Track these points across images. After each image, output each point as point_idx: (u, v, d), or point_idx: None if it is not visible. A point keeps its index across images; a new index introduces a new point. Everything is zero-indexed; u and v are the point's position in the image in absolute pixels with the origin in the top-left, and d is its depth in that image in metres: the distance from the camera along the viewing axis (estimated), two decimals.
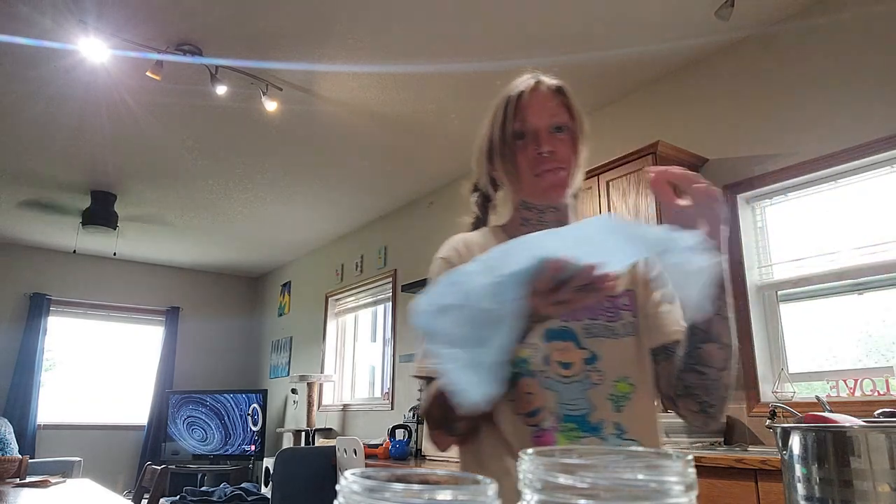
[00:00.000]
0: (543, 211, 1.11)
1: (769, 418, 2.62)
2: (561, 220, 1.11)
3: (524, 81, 1.12)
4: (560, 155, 1.06)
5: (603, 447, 0.95)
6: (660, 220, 2.98)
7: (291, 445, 5.91)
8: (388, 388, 5.40)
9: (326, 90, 3.76)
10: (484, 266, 0.71)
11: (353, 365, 6.37)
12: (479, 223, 1.20)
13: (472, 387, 0.68)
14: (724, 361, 0.93)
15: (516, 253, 0.71)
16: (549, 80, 1.12)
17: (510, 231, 1.14)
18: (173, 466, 5.97)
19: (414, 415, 4.67)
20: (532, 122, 1.06)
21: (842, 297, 2.81)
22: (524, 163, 1.06)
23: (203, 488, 5.34)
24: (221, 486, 4.98)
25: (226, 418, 6.59)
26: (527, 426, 0.97)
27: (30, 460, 3.29)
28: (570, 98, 1.11)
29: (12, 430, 5.89)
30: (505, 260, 0.70)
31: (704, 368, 0.93)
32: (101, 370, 7.23)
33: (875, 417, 2.20)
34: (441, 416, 0.94)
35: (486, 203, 1.20)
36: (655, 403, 1.07)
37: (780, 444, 0.63)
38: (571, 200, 1.14)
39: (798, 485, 0.60)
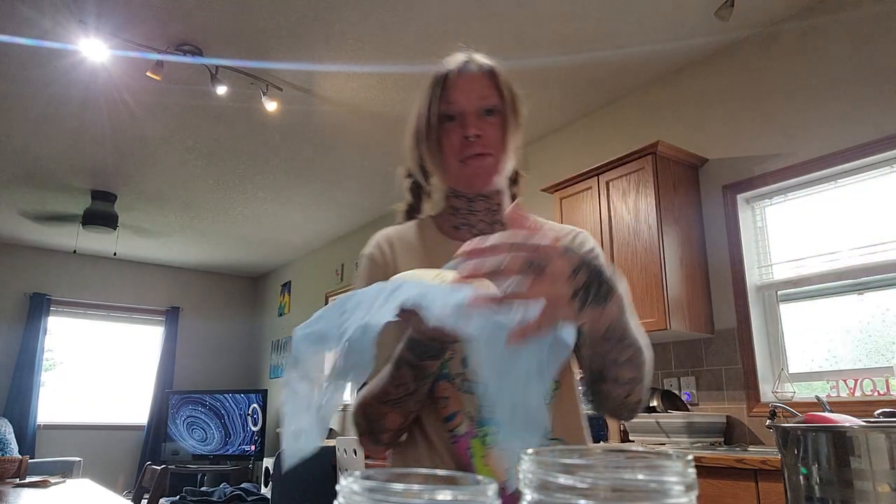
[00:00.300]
0: (472, 200, 1.05)
1: (769, 418, 2.62)
2: (492, 209, 1.06)
3: (454, 60, 1.04)
4: (488, 139, 0.99)
5: (603, 447, 0.94)
6: (659, 223, 2.93)
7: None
8: None
9: (326, 90, 3.76)
10: (364, 300, 0.68)
11: None
12: (413, 211, 1.14)
13: (300, 435, 0.63)
14: (625, 393, 0.88)
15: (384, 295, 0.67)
16: (481, 60, 1.05)
17: (440, 222, 1.09)
18: (173, 466, 5.97)
19: None
20: (459, 103, 0.99)
21: (842, 298, 2.81)
22: (449, 148, 0.99)
23: (203, 488, 5.34)
24: (221, 486, 4.98)
25: (226, 418, 6.59)
26: (444, 431, 0.94)
27: (30, 460, 3.29)
28: (501, 79, 1.04)
29: (12, 430, 5.89)
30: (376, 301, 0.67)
31: (602, 399, 0.90)
32: (101, 370, 7.23)
33: (875, 417, 2.20)
34: (366, 425, 0.91)
35: (418, 190, 1.13)
36: (579, 398, 1.03)
37: (781, 445, 0.63)
38: (505, 187, 1.08)
39: (798, 485, 0.60)
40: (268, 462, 6.01)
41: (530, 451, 0.36)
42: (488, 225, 1.06)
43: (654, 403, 3.09)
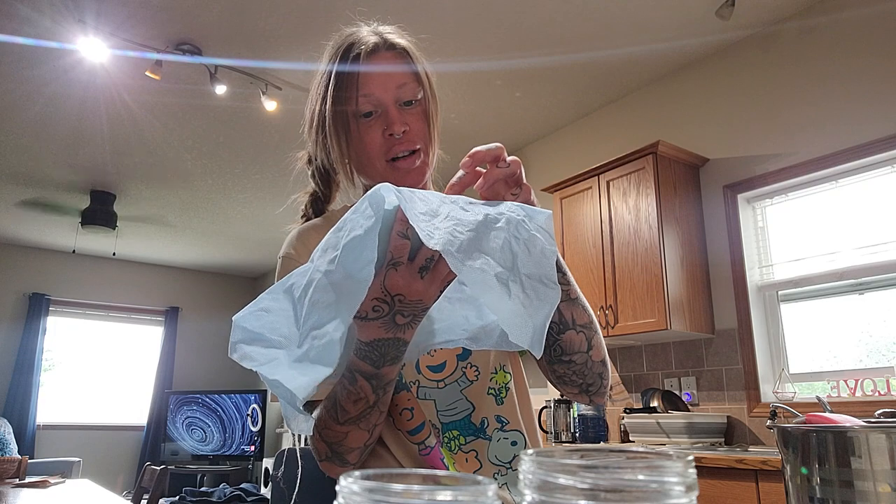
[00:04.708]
0: None
1: (770, 419, 2.62)
2: None
3: (361, 40, 0.94)
4: (414, 133, 0.91)
5: (603, 447, 0.93)
6: (660, 223, 2.95)
7: (291, 446, 5.90)
8: None
9: None
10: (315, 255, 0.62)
11: None
12: (319, 201, 1.06)
13: (298, 379, 0.59)
14: (586, 343, 0.85)
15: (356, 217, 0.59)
16: (392, 38, 0.95)
17: None
18: (173, 467, 5.98)
19: None
20: (377, 95, 0.89)
21: (842, 298, 2.80)
22: (372, 147, 0.90)
23: (202, 489, 5.33)
24: (221, 486, 4.98)
25: (225, 419, 6.59)
26: (412, 444, 0.89)
27: (29, 461, 3.28)
28: (416, 60, 0.94)
29: (11, 431, 5.89)
30: (340, 233, 0.60)
31: (569, 357, 0.85)
32: (101, 370, 7.23)
33: (876, 418, 2.20)
34: (327, 449, 0.80)
35: (327, 178, 1.04)
36: (528, 387, 1.01)
37: (781, 445, 0.63)
38: (430, 176, 1.01)
39: (799, 485, 0.60)
40: (267, 462, 6.01)
41: (530, 451, 0.36)
42: None
43: (655, 403, 3.09)
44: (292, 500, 1.00)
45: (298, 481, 0.98)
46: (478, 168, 0.72)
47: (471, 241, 0.58)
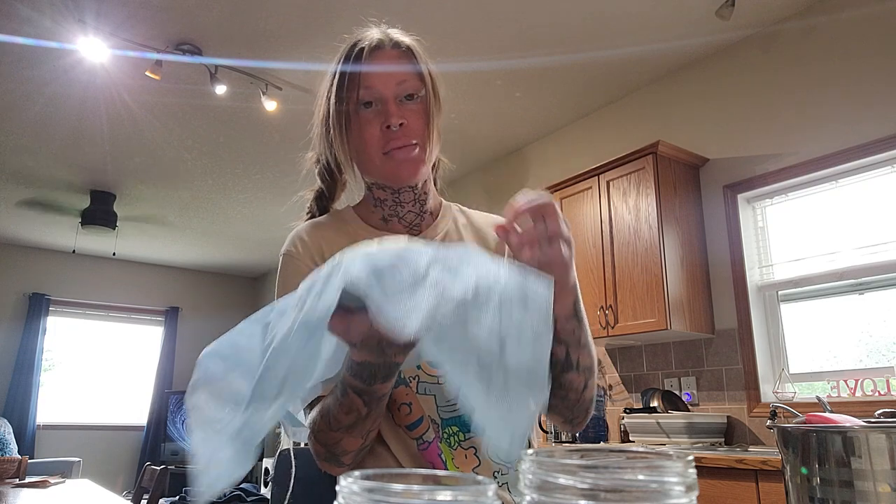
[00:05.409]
0: (398, 191, 0.97)
1: (770, 419, 2.62)
2: (420, 199, 0.99)
3: (367, 37, 0.96)
4: (412, 128, 0.92)
5: (603, 447, 0.93)
6: (660, 223, 2.94)
7: (291, 445, 5.90)
8: None
9: None
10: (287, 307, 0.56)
11: None
12: (324, 199, 1.07)
13: (215, 465, 0.52)
14: (584, 383, 0.88)
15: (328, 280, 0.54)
16: (397, 36, 0.97)
17: (365, 214, 1.02)
18: (173, 467, 5.97)
19: None
20: (377, 89, 0.91)
21: (842, 298, 2.80)
22: (371, 139, 0.91)
23: None
24: None
25: None
26: (410, 439, 0.89)
27: (29, 461, 3.28)
28: (420, 58, 0.96)
29: (11, 431, 5.89)
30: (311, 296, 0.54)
31: (565, 392, 0.87)
32: (101, 370, 7.23)
33: (876, 418, 2.20)
34: (324, 451, 0.81)
35: (332, 177, 1.05)
36: None
37: (781, 445, 0.63)
38: (430, 175, 1.01)
39: (799, 485, 0.60)
40: (267, 462, 6.00)
41: (530, 451, 0.36)
42: (417, 215, 1.00)
43: (655, 404, 3.08)
44: (286, 501, 1.00)
45: (292, 482, 0.98)
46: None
47: (453, 325, 0.51)
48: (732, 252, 3.09)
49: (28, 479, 2.90)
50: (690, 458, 0.35)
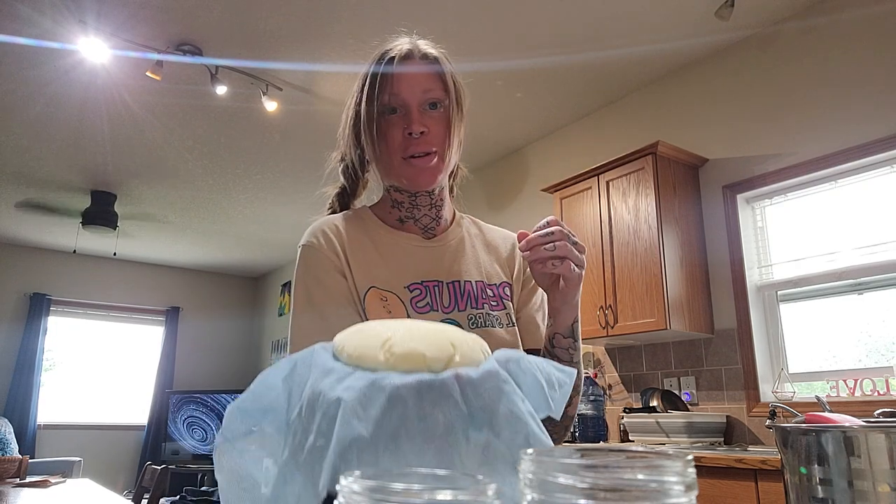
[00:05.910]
0: (415, 195, 1.01)
1: (769, 418, 2.62)
2: (435, 204, 1.03)
3: (397, 46, 0.99)
4: (432, 136, 0.96)
5: (603, 447, 0.93)
6: (659, 223, 2.94)
7: None
8: None
9: (326, 90, 3.76)
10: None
11: None
12: (345, 196, 1.11)
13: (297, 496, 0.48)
14: (571, 394, 0.89)
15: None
16: (425, 48, 1.01)
17: (382, 214, 1.05)
18: (173, 466, 5.97)
19: None
20: (403, 96, 0.95)
21: (842, 297, 2.81)
22: (392, 143, 0.95)
23: (203, 488, 5.34)
24: None
25: None
26: None
27: (30, 460, 3.29)
28: (446, 70, 1.00)
29: (12, 430, 5.89)
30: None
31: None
32: (101, 370, 7.23)
33: (875, 417, 2.20)
34: None
35: (354, 176, 1.09)
36: None
37: (780, 445, 0.63)
38: (447, 182, 1.06)
39: (798, 485, 0.60)
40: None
41: (530, 450, 0.36)
42: (433, 219, 1.04)
43: (654, 403, 3.09)
44: None
45: None
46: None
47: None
48: (732, 252, 3.09)
49: (29, 479, 2.90)
50: (690, 457, 0.35)
